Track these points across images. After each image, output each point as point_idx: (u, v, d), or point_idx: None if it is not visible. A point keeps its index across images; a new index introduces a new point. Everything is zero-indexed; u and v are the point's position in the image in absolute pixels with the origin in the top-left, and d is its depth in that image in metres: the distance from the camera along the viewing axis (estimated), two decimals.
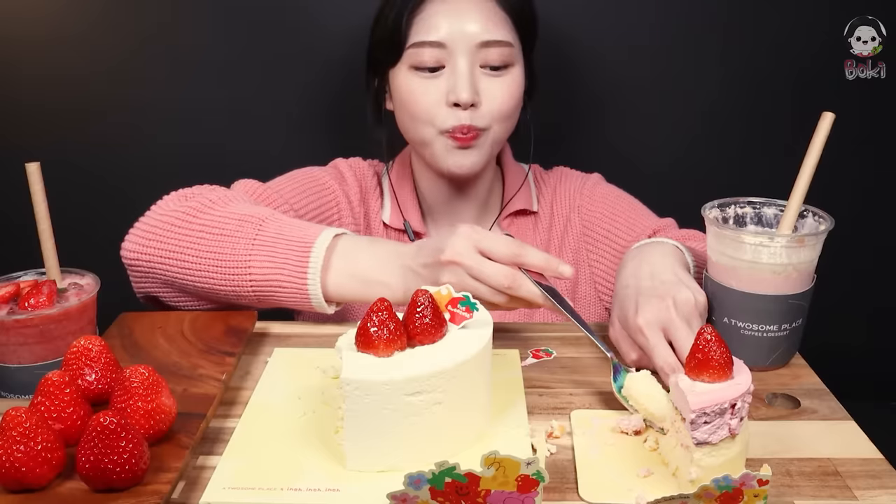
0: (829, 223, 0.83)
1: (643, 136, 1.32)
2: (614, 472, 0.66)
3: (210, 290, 0.89)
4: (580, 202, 1.13)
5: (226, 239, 0.87)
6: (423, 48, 0.99)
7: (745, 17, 1.25)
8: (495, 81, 1.00)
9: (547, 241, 1.13)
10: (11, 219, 1.12)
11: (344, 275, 0.86)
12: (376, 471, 0.65)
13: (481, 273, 0.80)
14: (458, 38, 0.98)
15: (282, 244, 0.86)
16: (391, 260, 0.86)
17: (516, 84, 1.02)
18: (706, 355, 0.63)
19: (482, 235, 0.82)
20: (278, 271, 0.86)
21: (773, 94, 1.27)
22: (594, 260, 1.11)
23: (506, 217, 1.12)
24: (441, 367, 0.64)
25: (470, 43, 0.98)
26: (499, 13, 1.00)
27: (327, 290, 0.86)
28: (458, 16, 0.98)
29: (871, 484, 0.65)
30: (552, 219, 1.14)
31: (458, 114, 0.98)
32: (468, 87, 0.97)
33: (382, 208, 1.12)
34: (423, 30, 0.99)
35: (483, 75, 1.00)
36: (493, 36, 0.98)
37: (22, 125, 1.31)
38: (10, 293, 0.80)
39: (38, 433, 0.59)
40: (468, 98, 0.97)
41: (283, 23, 1.27)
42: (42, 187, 0.82)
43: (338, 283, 0.86)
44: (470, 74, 0.98)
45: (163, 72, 1.28)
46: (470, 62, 0.98)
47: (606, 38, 1.27)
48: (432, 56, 0.99)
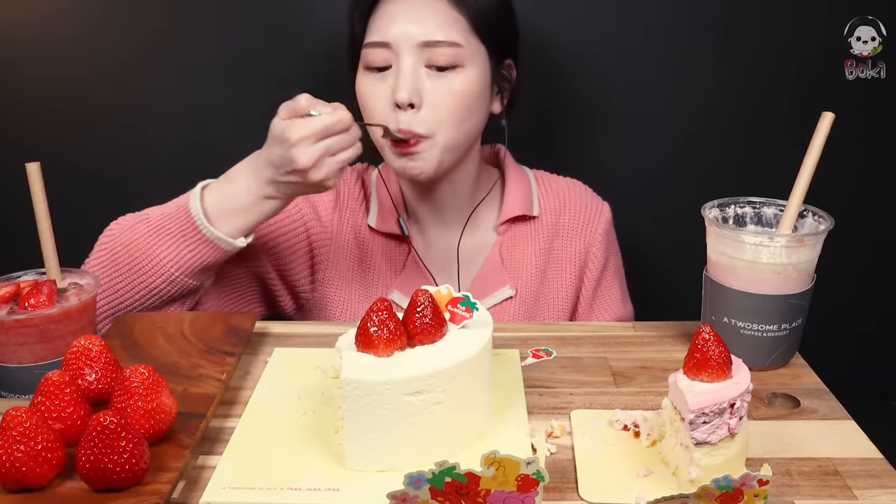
0: (829, 223, 0.83)
1: (643, 137, 1.31)
2: (614, 471, 0.66)
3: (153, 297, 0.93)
4: (591, 238, 1.13)
5: (131, 248, 0.92)
6: (373, 48, 0.99)
7: (744, 18, 1.25)
8: (440, 82, 0.98)
9: (547, 250, 1.12)
10: (11, 219, 1.12)
11: (233, 216, 0.92)
12: (376, 471, 0.65)
13: (337, 147, 0.87)
14: (402, 38, 0.97)
15: (169, 223, 0.92)
16: (256, 179, 0.90)
17: (465, 86, 0.98)
18: (705, 355, 0.63)
19: (312, 124, 0.87)
20: (180, 244, 0.91)
21: (773, 94, 1.27)
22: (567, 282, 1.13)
23: (504, 222, 1.12)
24: (441, 367, 0.64)
25: (413, 42, 0.97)
26: (449, 13, 0.98)
27: (221, 228, 0.91)
28: (407, 16, 0.98)
29: (871, 484, 0.65)
30: (556, 228, 1.12)
31: (400, 115, 0.97)
32: (407, 87, 0.96)
33: (369, 212, 1.12)
34: (374, 30, 0.99)
35: (427, 76, 0.98)
36: (438, 36, 0.97)
37: (22, 125, 1.31)
38: (10, 293, 0.80)
39: (38, 433, 0.59)
40: (406, 97, 0.96)
41: (285, 24, 1.27)
42: (42, 187, 0.82)
43: (226, 222, 0.91)
44: (411, 74, 0.97)
45: (164, 72, 1.28)
46: (413, 62, 0.97)
47: (607, 39, 1.27)
48: (380, 56, 0.99)
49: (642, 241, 1.32)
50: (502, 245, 1.11)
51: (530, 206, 1.12)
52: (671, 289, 1.23)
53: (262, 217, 0.93)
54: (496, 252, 1.11)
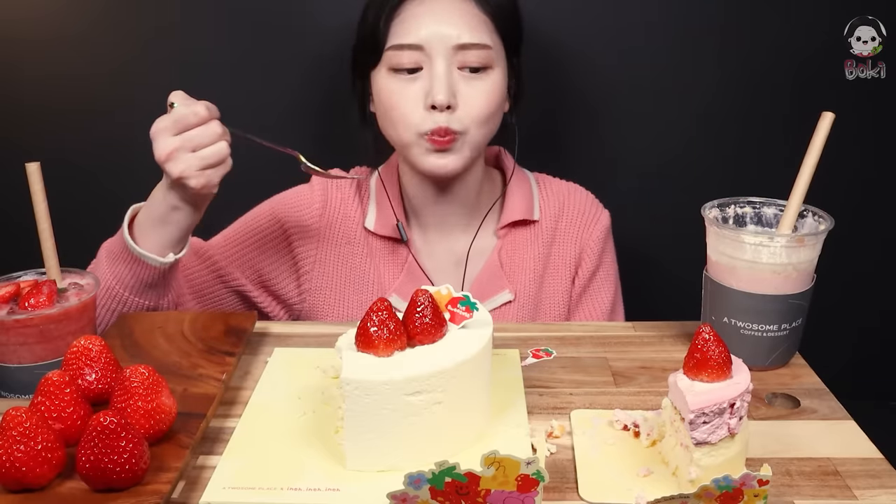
0: (829, 223, 0.83)
1: (644, 137, 1.31)
2: (614, 471, 0.66)
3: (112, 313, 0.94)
4: (586, 242, 1.12)
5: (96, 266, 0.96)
6: (401, 51, 0.99)
7: (744, 18, 1.25)
8: (474, 84, 0.99)
9: (546, 254, 1.11)
10: (11, 219, 1.12)
11: (152, 231, 0.93)
12: (376, 471, 0.65)
13: (198, 142, 0.87)
14: (435, 41, 0.97)
15: (114, 244, 0.95)
16: (161, 191, 0.92)
17: (495, 86, 1.01)
18: (705, 355, 0.63)
19: (170, 116, 0.88)
20: (119, 263, 0.93)
21: (773, 94, 1.27)
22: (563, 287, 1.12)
23: (504, 226, 1.11)
24: (441, 367, 0.64)
25: (447, 45, 0.97)
26: (478, 15, 0.99)
27: (144, 246, 0.92)
28: (436, 18, 0.98)
29: (871, 484, 0.65)
30: (555, 232, 1.12)
31: (436, 116, 0.98)
32: (445, 90, 0.97)
33: (367, 215, 1.12)
34: (402, 32, 0.99)
35: (461, 77, 0.99)
36: (471, 38, 0.98)
37: (23, 125, 1.31)
38: (10, 293, 0.80)
39: (38, 433, 0.59)
40: (444, 100, 0.97)
41: (285, 24, 1.26)
42: (42, 187, 0.82)
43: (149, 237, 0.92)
44: (447, 76, 0.98)
45: (164, 72, 1.28)
46: (447, 64, 0.98)
47: (607, 40, 1.27)
48: (410, 58, 0.99)
49: (642, 240, 1.32)
50: (502, 249, 1.11)
51: (531, 210, 1.12)
52: (671, 289, 1.23)
53: (179, 229, 0.93)
54: (496, 256, 1.10)
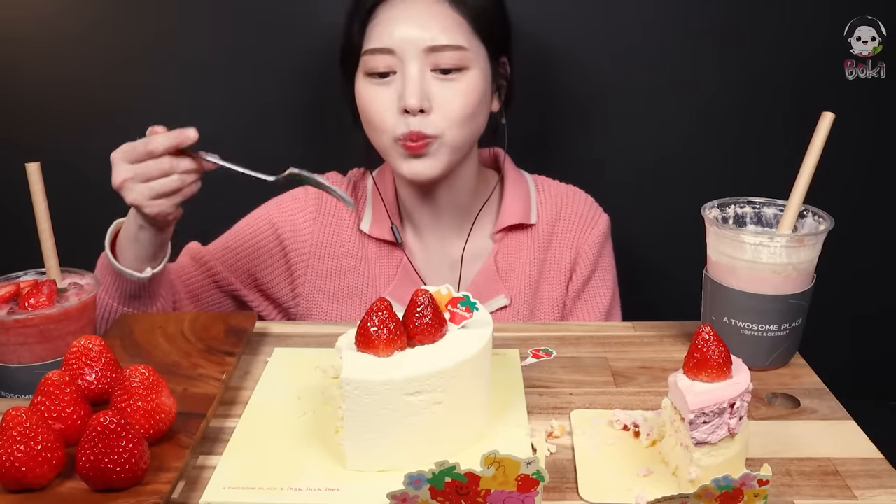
0: (829, 223, 0.83)
1: (643, 137, 1.31)
2: (614, 471, 0.66)
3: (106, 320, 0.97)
4: (581, 247, 1.11)
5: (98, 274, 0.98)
6: (374, 55, 0.99)
7: (744, 18, 1.25)
8: (449, 85, 0.98)
9: (542, 259, 1.10)
10: (11, 219, 1.12)
11: (128, 247, 0.94)
12: (376, 471, 0.65)
13: (147, 174, 0.87)
14: (406, 44, 0.97)
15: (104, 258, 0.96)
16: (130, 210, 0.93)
17: (472, 87, 0.99)
18: (704, 355, 0.63)
19: (128, 145, 0.89)
20: (106, 274, 0.95)
21: (773, 94, 1.27)
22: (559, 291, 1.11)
23: (500, 230, 1.10)
24: (441, 367, 0.64)
25: (419, 47, 0.97)
26: (452, 16, 0.98)
27: (122, 261, 0.95)
28: (409, 21, 0.97)
29: (871, 484, 0.65)
30: (551, 236, 1.11)
31: (409, 120, 0.97)
32: (416, 93, 0.96)
33: (363, 217, 1.11)
34: (375, 36, 0.99)
35: (434, 80, 0.98)
36: (445, 40, 0.97)
37: (22, 125, 1.31)
38: (10, 293, 0.80)
39: (38, 433, 0.59)
40: (416, 103, 0.96)
41: (285, 25, 1.26)
42: (42, 187, 0.82)
43: (126, 253, 0.94)
44: (419, 80, 0.97)
45: (164, 73, 1.28)
46: (420, 67, 0.97)
47: (605, 39, 1.27)
48: (383, 62, 0.98)
49: (642, 241, 1.31)
50: (498, 253, 1.10)
51: (528, 213, 1.10)
52: (671, 289, 1.23)
53: (150, 245, 0.93)
54: (492, 260, 1.09)
